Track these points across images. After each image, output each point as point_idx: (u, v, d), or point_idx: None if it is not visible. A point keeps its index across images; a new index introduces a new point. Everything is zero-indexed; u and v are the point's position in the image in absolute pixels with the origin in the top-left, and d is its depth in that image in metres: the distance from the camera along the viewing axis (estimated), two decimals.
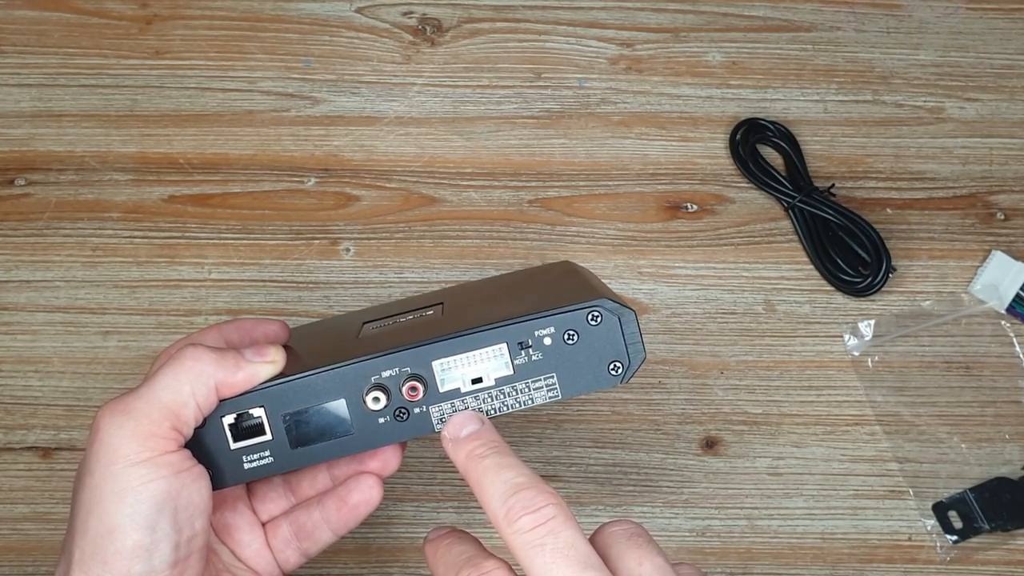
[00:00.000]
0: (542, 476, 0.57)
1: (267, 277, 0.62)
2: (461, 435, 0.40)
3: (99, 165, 0.64)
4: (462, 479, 0.39)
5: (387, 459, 0.45)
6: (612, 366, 0.42)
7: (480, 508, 0.38)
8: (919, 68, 0.67)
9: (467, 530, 0.56)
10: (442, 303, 0.48)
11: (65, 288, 0.61)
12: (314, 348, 0.47)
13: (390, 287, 0.61)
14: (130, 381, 0.59)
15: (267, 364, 0.42)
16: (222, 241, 0.62)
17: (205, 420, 0.41)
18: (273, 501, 0.47)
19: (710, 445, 0.59)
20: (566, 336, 0.42)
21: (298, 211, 0.63)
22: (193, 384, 0.40)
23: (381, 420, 0.42)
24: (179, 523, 0.39)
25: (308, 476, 0.47)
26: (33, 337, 0.60)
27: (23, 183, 0.63)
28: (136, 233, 0.62)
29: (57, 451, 0.58)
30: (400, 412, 0.42)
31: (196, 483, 0.40)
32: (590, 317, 0.42)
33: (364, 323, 0.48)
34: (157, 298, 0.61)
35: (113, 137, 0.64)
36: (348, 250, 0.62)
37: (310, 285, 0.61)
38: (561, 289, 0.46)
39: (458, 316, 0.45)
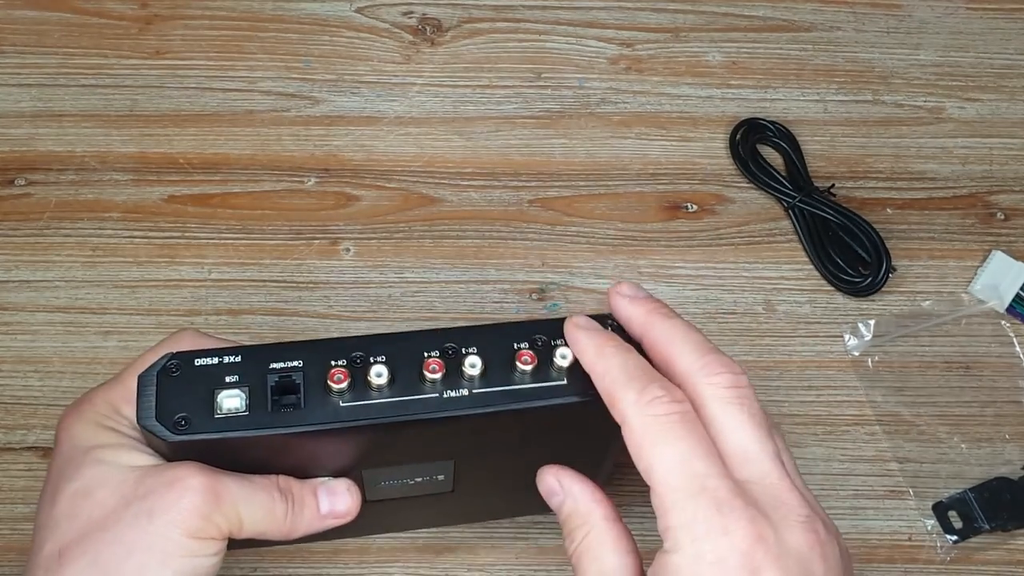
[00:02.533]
0: None
1: (267, 277, 0.62)
2: (639, 294, 0.38)
3: (99, 165, 0.64)
4: None
5: None
6: None
7: None
8: (919, 68, 0.67)
9: (467, 530, 0.56)
10: (454, 460, 0.43)
11: (65, 288, 0.61)
12: None
13: (390, 287, 0.61)
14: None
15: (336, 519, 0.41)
16: (222, 241, 0.62)
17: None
18: None
19: None
20: None
21: (298, 211, 0.63)
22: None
23: None
24: None
25: None
26: (33, 337, 0.60)
27: (23, 183, 0.63)
28: (136, 233, 0.62)
29: None
30: None
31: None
32: None
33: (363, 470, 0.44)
34: (157, 298, 0.61)
35: (113, 137, 0.64)
36: (348, 250, 0.62)
37: (310, 285, 0.61)
38: None
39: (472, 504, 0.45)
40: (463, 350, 0.38)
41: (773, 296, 0.62)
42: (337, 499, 0.41)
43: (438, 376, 0.38)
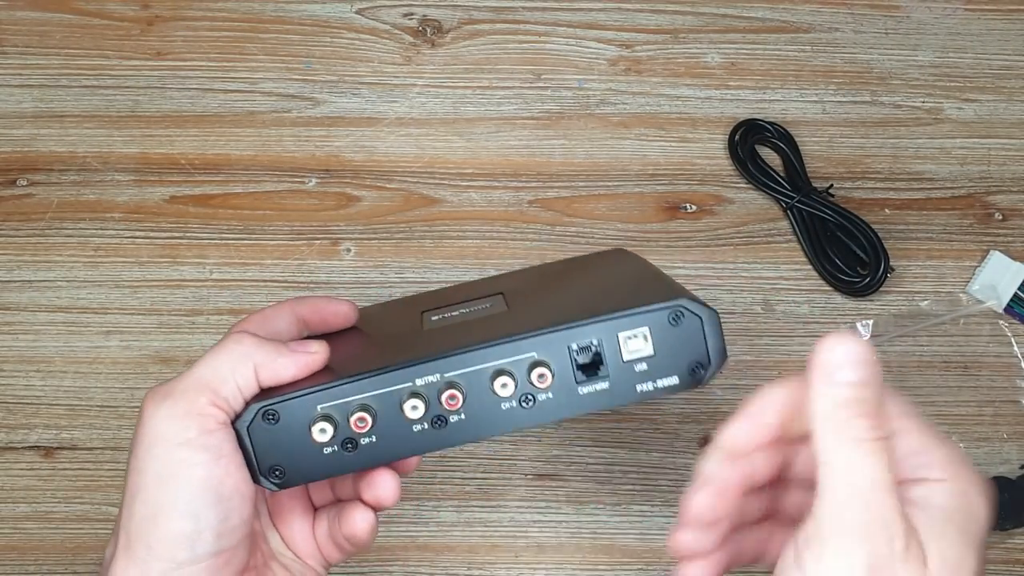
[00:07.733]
0: (542, 475, 0.57)
1: (268, 277, 0.62)
2: (839, 377, 0.38)
3: (101, 165, 0.64)
4: (461, 479, 0.39)
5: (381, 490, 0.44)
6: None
7: (480, 507, 0.38)
8: (917, 69, 0.67)
9: (467, 529, 0.57)
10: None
11: (67, 288, 0.61)
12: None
13: (391, 287, 0.62)
14: (131, 380, 0.60)
15: (307, 355, 0.41)
16: (223, 241, 0.63)
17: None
18: (320, 491, 0.47)
19: (709, 444, 0.59)
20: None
21: (299, 211, 0.63)
22: (233, 363, 0.40)
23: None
24: (223, 511, 0.39)
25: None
26: (35, 337, 0.60)
27: (25, 183, 0.64)
28: (138, 233, 0.63)
29: (59, 450, 0.58)
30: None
31: (240, 471, 0.39)
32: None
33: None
34: (159, 298, 0.61)
35: (115, 138, 0.65)
36: (349, 250, 0.63)
37: (311, 285, 0.62)
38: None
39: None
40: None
41: (771, 296, 0.62)
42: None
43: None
